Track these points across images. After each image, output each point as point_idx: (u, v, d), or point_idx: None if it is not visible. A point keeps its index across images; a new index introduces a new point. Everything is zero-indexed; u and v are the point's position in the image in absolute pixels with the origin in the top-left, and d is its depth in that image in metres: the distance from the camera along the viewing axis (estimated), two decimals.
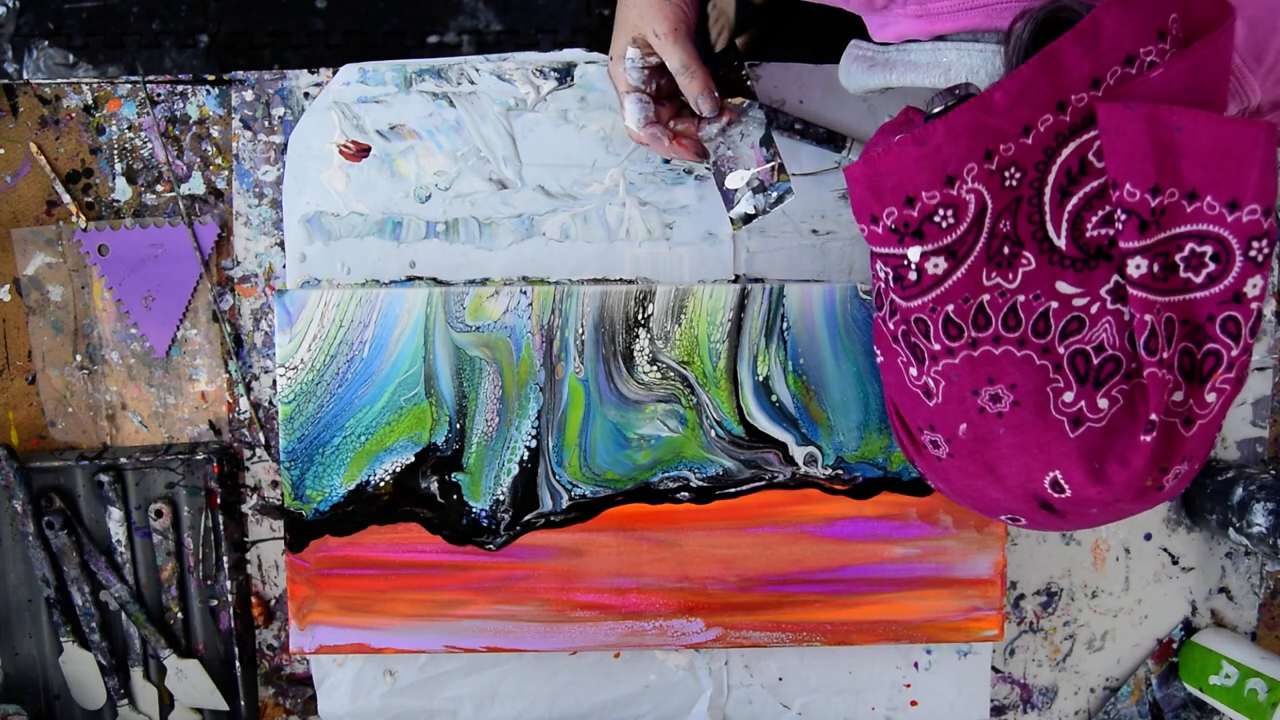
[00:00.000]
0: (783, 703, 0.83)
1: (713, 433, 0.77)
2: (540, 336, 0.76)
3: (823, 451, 0.77)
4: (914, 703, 0.83)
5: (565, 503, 0.77)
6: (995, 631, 0.78)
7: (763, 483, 0.77)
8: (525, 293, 0.76)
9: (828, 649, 0.82)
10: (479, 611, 0.77)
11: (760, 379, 0.76)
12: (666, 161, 0.79)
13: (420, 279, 0.80)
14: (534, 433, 0.76)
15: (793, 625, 0.78)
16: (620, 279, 0.80)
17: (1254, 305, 0.50)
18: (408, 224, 0.79)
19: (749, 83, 0.78)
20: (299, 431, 0.76)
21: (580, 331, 0.76)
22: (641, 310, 0.76)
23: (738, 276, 0.80)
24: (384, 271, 0.80)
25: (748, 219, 0.71)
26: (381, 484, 0.76)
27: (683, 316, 0.76)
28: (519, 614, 0.77)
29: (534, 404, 0.76)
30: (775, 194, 0.70)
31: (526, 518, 0.77)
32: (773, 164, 0.71)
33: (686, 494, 0.77)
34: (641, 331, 0.76)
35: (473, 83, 0.79)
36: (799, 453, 0.77)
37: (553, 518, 0.77)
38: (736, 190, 0.71)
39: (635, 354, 0.76)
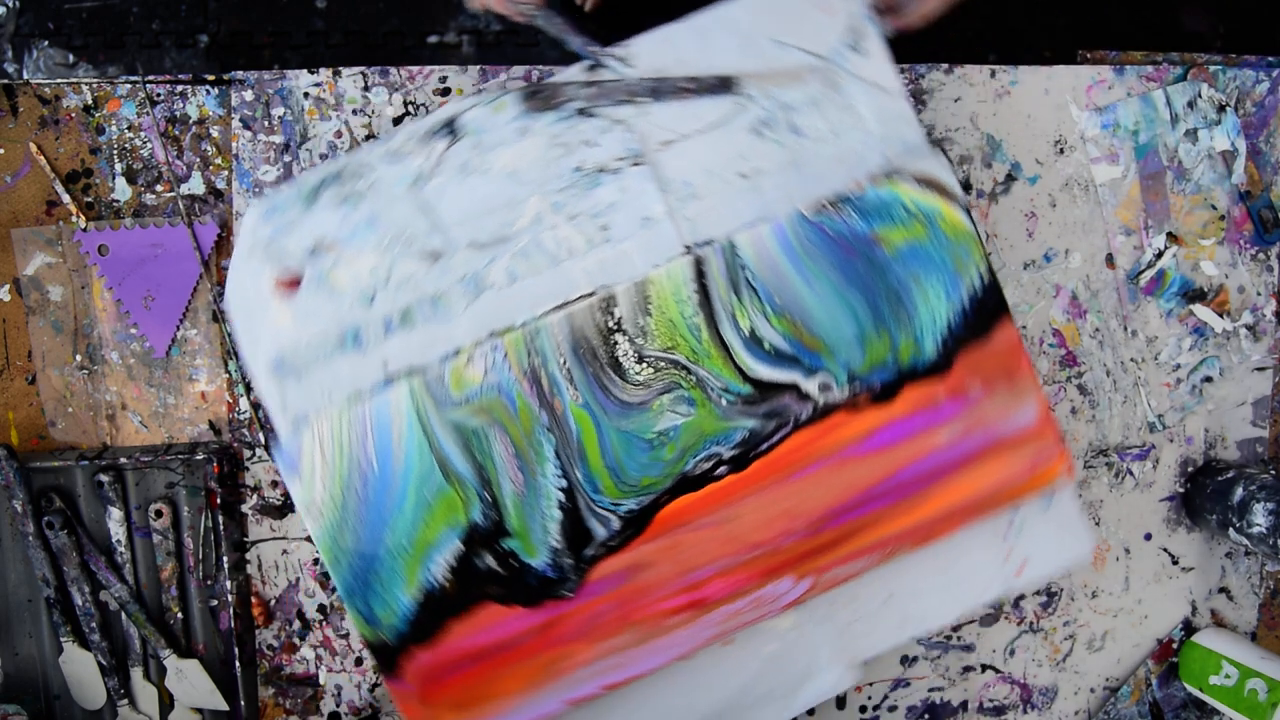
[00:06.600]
0: (899, 619, 0.83)
1: (724, 401, 0.77)
2: (528, 382, 0.76)
3: (833, 375, 0.77)
4: (1022, 568, 0.83)
5: (616, 525, 0.77)
6: (1064, 469, 0.78)
7: (789, 427, 0.77)
8: (496, 347, 0.76)
9: (918, 553, 0.81)
10: (583, 658, 0.77)
11: (747, 334, 0.76)
12: (578, 169, 0.79)
13: (397, 376, 0.80)
14: (560, 473, 0.76)
15: (876, 545, 0.78)
16: (579, 297, 0.80)
17: None
18: (365, 329, 0.80)
19: None
20: (347, 568, 0.76)
21: (562, 361, 0.76)
22: (610, 317, 0.76)
23: (687, 248, 0.80)
24: (362, 382, 0.80)
25: None
26: (443, 580, 0.77)
27: (650, 307, 0.76)
28: (620, 644, 0.77)
29: (548, 446, 0.76)
30: None
31: (587, 553, 0.77)
32: None
33: (724, 468, 0.77)
34: (619, 336, 0.76)
35: (370, 174, 0.79)
36: (811, 385, 0.77)
37: (611, 543, 0.77)
38: None
39: (621, 360, 0.76)
